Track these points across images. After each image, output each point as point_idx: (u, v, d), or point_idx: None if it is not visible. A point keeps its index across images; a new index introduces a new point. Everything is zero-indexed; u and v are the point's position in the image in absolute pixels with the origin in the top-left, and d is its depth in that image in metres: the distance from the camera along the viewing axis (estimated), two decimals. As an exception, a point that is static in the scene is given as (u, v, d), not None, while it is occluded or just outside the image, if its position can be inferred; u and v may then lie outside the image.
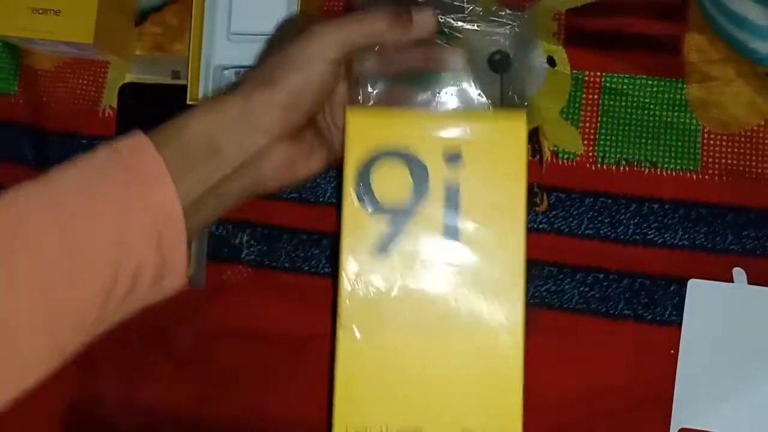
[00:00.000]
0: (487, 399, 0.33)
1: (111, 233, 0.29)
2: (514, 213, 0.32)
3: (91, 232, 0.29)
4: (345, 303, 0.32)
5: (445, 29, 0.46)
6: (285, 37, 0.36)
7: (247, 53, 0.48)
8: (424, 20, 0.35)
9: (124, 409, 0.51)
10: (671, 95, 0.46)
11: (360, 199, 0.32)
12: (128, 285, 0.30)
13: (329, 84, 0.34)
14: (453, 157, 0.32)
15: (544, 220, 0.46)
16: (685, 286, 0.44)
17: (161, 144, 0.31)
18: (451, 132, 0.32)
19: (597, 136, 0.46)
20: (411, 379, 0.32)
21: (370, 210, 0.32)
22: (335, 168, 0.42)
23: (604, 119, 0.46)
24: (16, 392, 0.29)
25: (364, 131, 0.33)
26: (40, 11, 0.48)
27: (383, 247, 0.32)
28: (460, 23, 0.43)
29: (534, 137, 0.47)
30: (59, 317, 0.29)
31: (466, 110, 0.36)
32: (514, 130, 0.32)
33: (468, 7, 0.40)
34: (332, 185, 0.49)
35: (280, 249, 0.50)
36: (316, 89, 0.34)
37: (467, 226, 0.32)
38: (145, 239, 0.30)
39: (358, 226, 0.32)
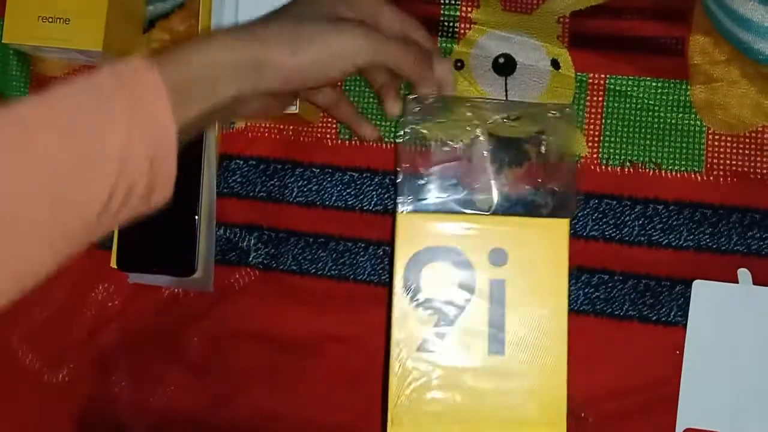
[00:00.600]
0: None
1: (112, 149, 0.30)
2: (557, 315, 0.34)
3: (94, 145, 0.30)
4: (394, 400, 0.33)
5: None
6: (314, 4, 0.37)
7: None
8: (442, 68, 0.40)
9: (137, 411, 0.52)
10: (676, 97, 0.46)
11: (408, 296, 0.34)
12: (122, 198, 0.31)
13: (339, 79, 0.37)
14: (498, 256, 0.34)
15: (549, 222, 0.46)
16: (690, 287, 0.44)
17: (164, 68, 0.32)
18: (497, 234, 0.34)
19: (601, 137, 0.47)
20: None
21: (417, 307, 0.34)
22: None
23: (609, 121, 0.47)
24: (13, 293, 0.30)
25: (413, 233, 0.35)
26: (50, 20, 0.48)
27: (431, 344, 0.33)
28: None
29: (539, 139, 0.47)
30: (61, 216, 0.30)
31: (512, 215, 0.38)
32: (558, 236, 0.35)
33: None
34: (338, 189, 0.50)
35: (287, 252, 0.50)
36: (327, 80, 0.36)
37: (512, 328, 0.34)
38: (141, 157, 0.31)
39: (406, 323, 0.34)
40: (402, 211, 0.36)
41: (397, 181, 0.38)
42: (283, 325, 0.50)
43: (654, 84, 0.46)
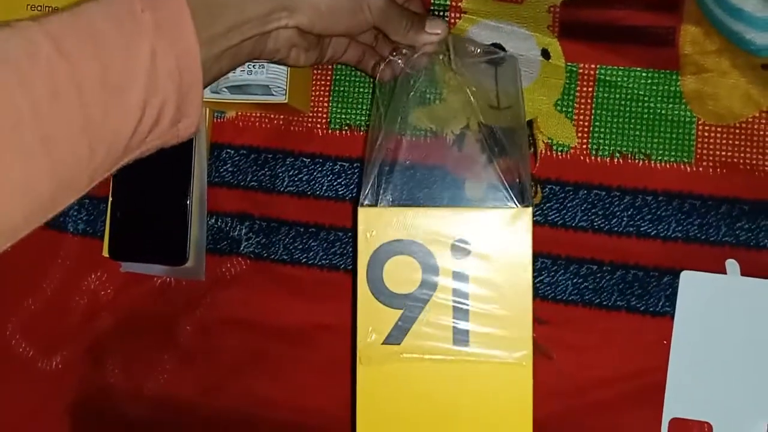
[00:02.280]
0: None
1: (141, 67, 0.30)
2: (521, 302, 0.34)
3: (126, 67, 0.30)
4: (363, 388, 0.34)
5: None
6: None
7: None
8: (436, 28, 0.41)
9: (130, 399, 0.52)
10: (666, 87, 0.46)
11: (372, 291, 0.34)
12: (153, 120, 0.31)
13: (354, 31, 0.39)
14: (461, 248, 0.34)
15: (537, 212, 0.47)
16: (678, 278, 0.44)
17: None
18: (459, 225, 0.34)
19: (591, 128, 0.46)
20: None
21: (382, 301, 0.34)
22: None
23: (599, 111, 0.46)
24: (49, 195, 0.29)
25: (375, 227, 0.34)
26: (39, 8, 0.48)
27: (396, 337, 0.34)
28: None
29: (528, 129, 0.47)
30: (96, 134, 0.30)
31: (473, 206, 0.38)
32: (520, 223, 0.34)
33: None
34: (329, 179, 0.50)
35: (278, 241, 0.50)
36: (348, 25, 0.38)
37: (476, 320, 0.34)
38: (169, 79, 0.31)
39: (371, 317, 0.34)
40: (363, 204, 0.36)
41: (368, 172, 0.38)
42: (274, 313, 0.50)
43: (644, 74, 0.46)
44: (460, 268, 0.34)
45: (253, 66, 0.47)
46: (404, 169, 0.47)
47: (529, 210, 0.35)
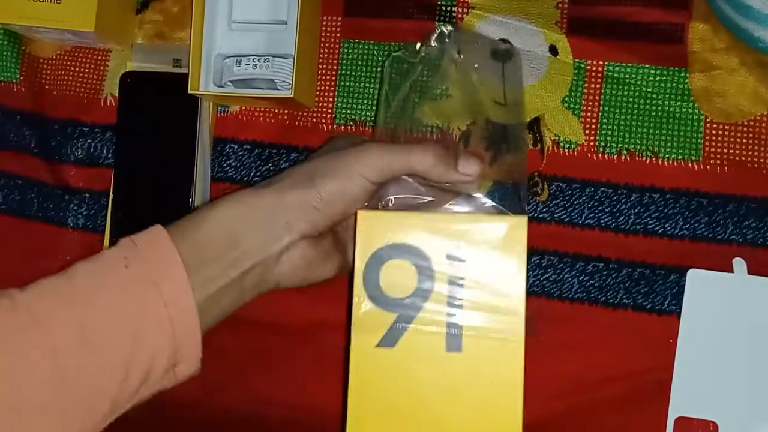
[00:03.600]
0: None
1: (127, 328, 0.30)
2: (514, 311, 0.34)
3: (108, 327, 0.30)
4: (355, 389, 0.34)
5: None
6: (329, 150, 0.38)
7: (248, 42, 0.48)
8: (468, 169, 0.37)
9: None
10: (674, 84, 0.45)
11: (368, 293, 0.34)
12: (142, 376, 0.31)
13: (361, 200, 0.36)
14: (458, 255, 0.34)
15: (544, 210, 0.46)
16: (685, 276, 0.44)
17: (179, 237, 0.33)
18: (455, 232, 0.34)
19: (599, 125, 0.46)
20: None
21: (378, 304, 0.34)
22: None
23: (606, 108, 0.46)
24: None
25: (373, 230, 0.34)
26: (41, -1, 0.48)
27: (390, 341, 0.34)
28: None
29: (535, 126, 0.47)
30: (73, 409, 0.29)
31: (470, 213, 0.38)
32: (516, 232, 0.34)
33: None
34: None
35: (281, 237, 0.50)
36: (349, 201, 0.35)
37: (469, 325, 0.34)
38: (159, 332, 0.31)
39: (367, 320, 0.34)
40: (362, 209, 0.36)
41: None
42: (277, 311, 0.49)
43: (652, 71, 0.46)
44: (456, 274, 0.34)
45: (258, 60, 0.46)
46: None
47: (525, 219, 0.35)
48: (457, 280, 0.34)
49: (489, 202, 0.38)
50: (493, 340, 0.34)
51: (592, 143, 0.46)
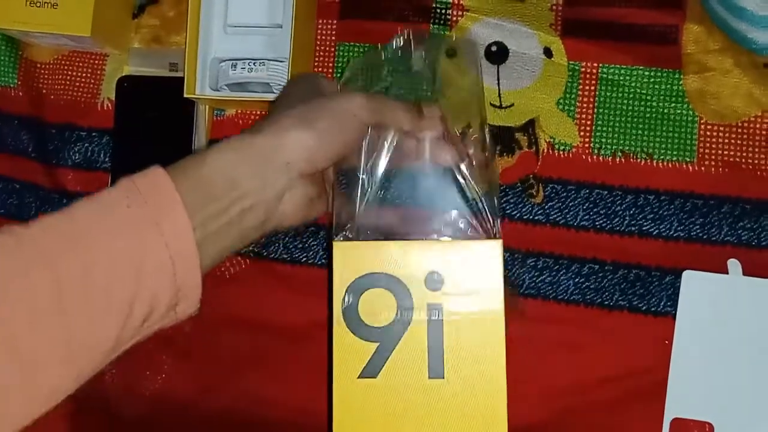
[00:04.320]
0: None
1: (129, 267, 0.30)
2: (494, 334, 0.34)
3: (110, 265, 0.30)
4: (339, 422, 0.34)
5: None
6: (312, 90, 0.39)
7: (243, 45, 0.48)
8: (432, 112, 0.39)
9: (130, 399, 0.52)
10: (668, 86, 0.45)
11: (348, 324, 0.34)
12: (144, 314, 0.31)
13: (355, 140, 0.37)
14: (435, 281, 0.34)
15: (539, 212, 0.46)
16: (680, 278, 0.44)
17: (179, 178, 0.33)
18: (433, 258, 0.34)
19: (593, 127, 0.46)
20: None
21: (358, 335, 0.34)
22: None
23: (601, 110, 0.46)
24: (31, 419, 0.30)
25: (350, 261, 0.34)
26: (38, 4, 0.48)
27: (373, 371, 0.34)
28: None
29: (530, 128, 0.47)
30: (78, 347, 0.30)
31: (446, 240, 0.37)
32: (491, 255, 0.34)
33: None
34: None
35: (277, 240, 0.50)
36: (346, 140, 0.36)
37: (450, 352, 0.34)
38: (160, 272, 0.31)
39: (348, 350, 0.34)
40: (338, 238, 0.36)
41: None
42: (273, 312, 0.50)
43: (647, 73, 0.46)
44: (434, 301, 0.34)
45: (254, 64, 0.47)
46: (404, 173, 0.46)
47: (499, 242, 0.35)
48: (435, 306, 0.34)
49: (463, 221, 0.38)
50: (475, 365, 0.34)
51: (587, 145, 0.46)
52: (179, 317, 0.33)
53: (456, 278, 0.34)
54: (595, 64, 0.46)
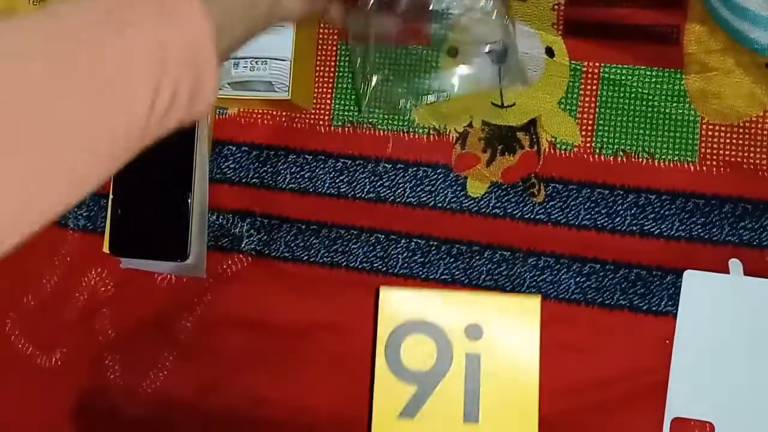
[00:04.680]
0: None
1: (153, 50, 0.30)
2: (528, 388, 0.36)
3: (137, 46, 0.30)
4: None
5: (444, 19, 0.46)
6: None
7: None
8: None
9: (130, 395, 0.52)
10: (670, 86, 0.45)
11: (390, 367, 0.36)
12: (168, 101, 0.30)
13: None
14: (474, 331, 0.37)
15: (541, 211, 0.46)
16: (681, 277, 0.44)
17: None
18: (473, 309, 0.37)
19: (595, 126, 0.46)
20: None
21: (399, 377, 0.36)
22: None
23: (603, 110, 0.46)
24: (64, 205, 0.29)
25: (394, 307, 0.37)
26: (38, 1, 0.48)
27: (411, 412, 0.36)
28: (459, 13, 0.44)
29: (532, 128, 0.47)
30: (113, 123, 0.29)
31: (487, 291, 0.41)
32: (530, 312, 0.37)
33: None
34: (331, 176, 0.50)
35: (279, 239, 0.50)
36: None
37: (485, 398, 0.36)
38: (181, 59, 0.30)
39: (389, 391, 0.36)
40: (384, 287, 0.39)
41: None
42: (275, 311, 0.50)
43: (648, 73, 0.46)
44: (473, 351, 0.36)
45: (256, 62, 0.47)
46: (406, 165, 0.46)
47: (538, 299, 0.37)
48: (474, 355, 0.36)
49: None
50: (508, 410, 0.36)
51: (588, 144, 0.46)
52: (199, 110, 0.32)
53: (495, 330, 0.37)
54: (597, 64, 0.46)
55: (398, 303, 0.37)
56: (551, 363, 0.45)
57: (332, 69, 0.50)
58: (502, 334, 0.36)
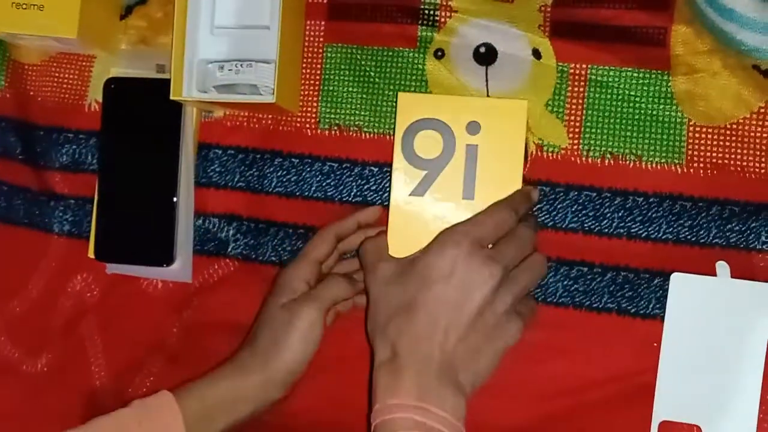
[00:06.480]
0: None
1: None
2: (514, 173, 0.44)
3: None
4: (393, 227, 0.45)
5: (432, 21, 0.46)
6: (273, 317, 0.45)
7: (231, 47, 0.48)
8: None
9: (119, 402, 0.51)
10: (657, 88, 0.45)
11: (404, 155, 0.44)
12: None
13: (322, 331, 0.45)
14: (473, 127, 0.44)
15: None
16: (669, 280, 0.44)
17: (185, 398, 0.43)
18: (473, 111, 0.44)
19: (582, 129, 0.46)
20: None
21: (411, 163, 0.44)
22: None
23: (590, 112, 0.46)
24: None
25: (409, 108, 0.45)
26: (24, 6, 0.48)
27: (421, 191, 0.44)
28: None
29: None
30: None
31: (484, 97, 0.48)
32: (518, 113, 0.44)
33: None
34: (318, 179, 0.49)
35: (266, 243, 0.50)
36: (314, 347, 0.44)
37: (480, 180, 0.44)
38: None
39: (404, 174, 0.45)
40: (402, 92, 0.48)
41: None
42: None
43: (635, 75, 0.45)
44: (472, 142, 0.44)
45: (241, 65, 0.46)
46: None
47: (525, 103, 0.44)
48: (472, 146, 0.44)
49: None
50: (497, 191, 0.44)
51: (575, 147, 0.46)
52: None
53: (490, 127, 0.44)
54: (584, 66, 0.46)
55: (413, 104, 0.45)
56: (539, 366, 0.45)
57: (318, 72, 0.50)
58: (496, 130, 0.44)
